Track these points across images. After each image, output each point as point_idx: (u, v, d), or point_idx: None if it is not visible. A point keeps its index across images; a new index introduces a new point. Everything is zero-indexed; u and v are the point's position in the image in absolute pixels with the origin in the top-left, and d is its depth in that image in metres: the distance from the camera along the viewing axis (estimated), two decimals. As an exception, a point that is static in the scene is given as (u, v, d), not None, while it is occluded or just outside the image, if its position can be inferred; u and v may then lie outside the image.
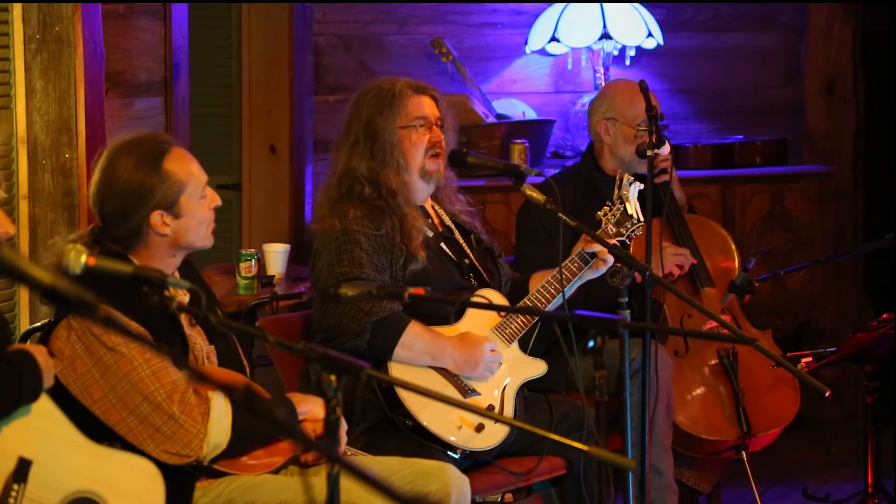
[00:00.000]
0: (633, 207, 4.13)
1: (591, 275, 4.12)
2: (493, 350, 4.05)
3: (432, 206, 4.29)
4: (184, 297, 3.46)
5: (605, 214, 4.13)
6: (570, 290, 4.09)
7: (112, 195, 3.45)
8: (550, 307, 4.10)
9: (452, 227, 4.29)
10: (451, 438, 3.94)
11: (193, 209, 3.48)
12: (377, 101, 4.13)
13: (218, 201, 3.55)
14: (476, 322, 4.12)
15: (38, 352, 3.14)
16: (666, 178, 4.67)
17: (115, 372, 3.32)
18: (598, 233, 4.06)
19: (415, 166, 4.14)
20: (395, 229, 4.06)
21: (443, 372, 4.02)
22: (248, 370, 3.68)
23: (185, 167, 3.48)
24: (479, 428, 3.98)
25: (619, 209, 4.13)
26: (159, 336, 3.34)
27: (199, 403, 3.33)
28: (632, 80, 5.12)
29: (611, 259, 4.03)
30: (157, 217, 3.44)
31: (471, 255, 4.25)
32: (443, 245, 4.21)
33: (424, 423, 3.92)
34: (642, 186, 4.15)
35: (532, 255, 4.56)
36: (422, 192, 4.21)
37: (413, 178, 4.15)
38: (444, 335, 4.04)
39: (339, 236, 4.02)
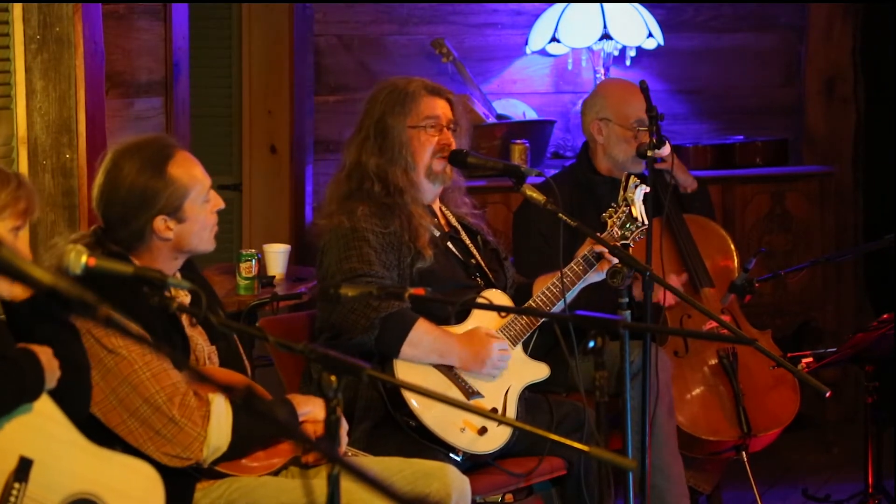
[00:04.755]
0: (637, 210, 4.12)
1: (594, 277, 4.13)
2: (502, 350, 4.06)
3: (440, 208, 4.30)
4: (185, 298, 3.46)
5: (611, 217, 4.13)
6: (573, 293, 4.10)
7: (116, 199, 3.44)
8: (554, 311, 4.10)
9: (459, 227, 4.30)
10: (454, 440, 3.94)
11: (197, 214, 3.47)
12: (390, 98, 4.16)
13: (221, 204, 3.55)
14: (481, 323, 4.12)
15: (42, 352, 3.14)
16: (666, 165, 4.62)
17: (116, 374, 3.33)
18: (603, 235, 4.07)
19: (422, 166, 4.15)
20: (404, 227, 4.08)
21: (447, 373, 4.02)
22: (249, 370, 3.68)
23: (189, 172, 3.48)
24: (482, 431, 3.98)
25: (623, 211, 4.12)
26: (159, 337, 3.34)
27: (200, 406, 3.33)
28: (625, 79, 5.11)
29: (615, 261, 4.03)
30: (160, 222, 3.44)
31: (477, 255, 4.27)
32: (449, 244, 4.22)
33: (427, 424, 3.92)
34: (648, 189, 4.15)
35: (530, 258, 4.56)
36: (429, 193, 4.22)
37: (420, 177, 4.16)
38: (452, 333, 4.05)
39: (348, 233, 4.03)
